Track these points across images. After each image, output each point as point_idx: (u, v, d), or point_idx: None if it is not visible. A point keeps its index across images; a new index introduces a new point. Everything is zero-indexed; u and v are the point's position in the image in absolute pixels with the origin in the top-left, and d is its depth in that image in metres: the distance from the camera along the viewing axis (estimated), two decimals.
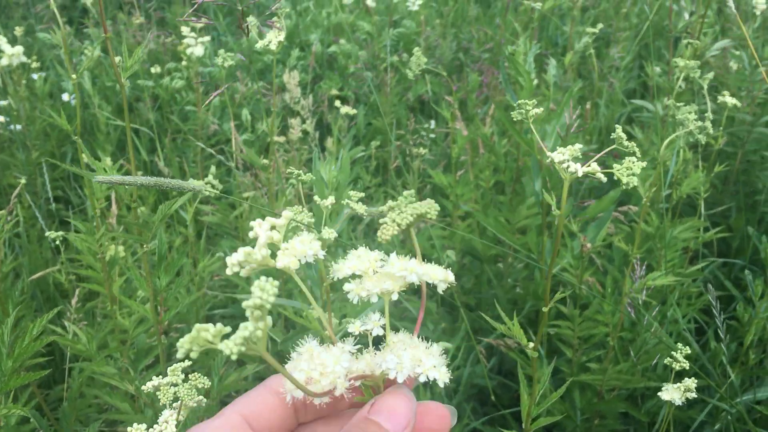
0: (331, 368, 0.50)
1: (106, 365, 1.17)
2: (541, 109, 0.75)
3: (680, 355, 0.97)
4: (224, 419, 0.53)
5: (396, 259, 0.54)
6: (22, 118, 2.72)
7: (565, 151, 0.66)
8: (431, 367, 0.52)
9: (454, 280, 0.55)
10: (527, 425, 0.88)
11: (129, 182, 0.77)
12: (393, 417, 0.52)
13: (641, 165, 0.64)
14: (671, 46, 2.27)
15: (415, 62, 1.62)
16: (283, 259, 0.50)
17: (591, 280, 1.54)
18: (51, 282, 2.02)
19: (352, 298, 0.54)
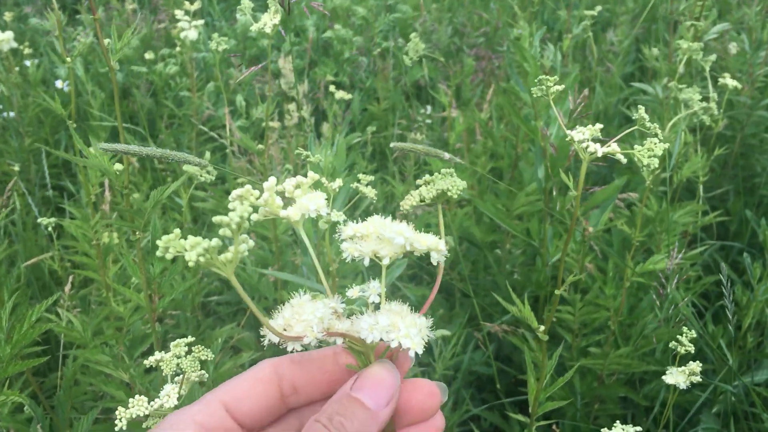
0: (306, 316, 0.51)
1: (100, 353, 1.15)
2: (563, 86, 0.73)
3: (685, 339, 0.96)
4: (203, 405, 0.52)
5: (390, 222, 0.54)
6: (15, 105, 2.69)
7: (584, 130, 0.64)
8: (405, 335, 0.51)
9: (446, 251, 0.55)
10: (534, 410, 0.87)
11: (134, 152, 0.76)
12: (376, 392, 0.51)
13: (663, 147, 0.63)
14: (671, 29, 2.25)
15: (413, 48, 1.60)
16: (288, 210, 0.51)
17: (590, 266, 1.53)
18: (46, 270, 2.00)
19: (345, 257, 0.55)
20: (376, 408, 0.51)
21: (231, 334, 1.51)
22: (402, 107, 2.95)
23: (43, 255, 1.73)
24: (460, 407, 1.58)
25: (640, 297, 1.64)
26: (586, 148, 0.68)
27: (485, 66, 3.08)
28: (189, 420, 0.51)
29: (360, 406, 0.51)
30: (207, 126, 2.72)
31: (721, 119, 1.88)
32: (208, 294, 1.92)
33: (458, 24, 3.68)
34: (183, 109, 2.80)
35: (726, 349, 1.58)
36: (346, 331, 0.52)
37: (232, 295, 1.85)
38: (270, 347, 0.57)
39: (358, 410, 0.50)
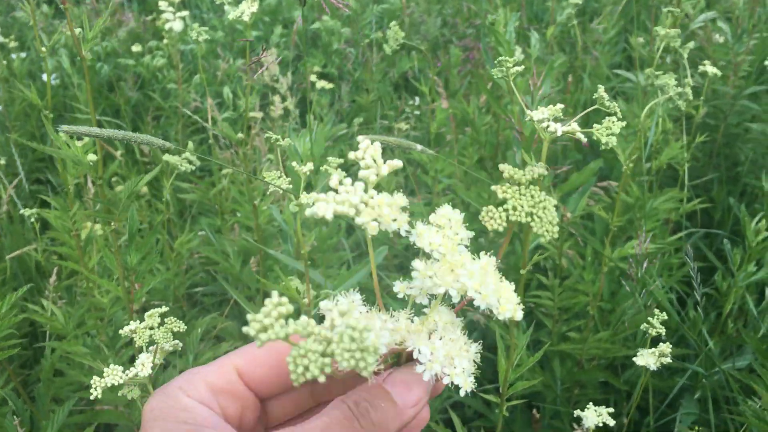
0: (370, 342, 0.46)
1: (79, 344, 1.16)
2: (522, 66, 0.74)
3: (656, 321, 0.97)
4: (216, 367, 0.54)
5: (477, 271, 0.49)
6: (1, 99, 2.69)
7: (545, 110, 0.65)
8: (460, 372, 0.50)
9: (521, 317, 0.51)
10: (504, 389, 0.88)
11: (95, 134, 0.76)
12: (406, 392, 0.52)
13: (621, 125, 0.63)
14: (653, 16, 2.25)
15: (393, 36, 1.60)
16: (362, 217, 0.46)
17: (570, 252, 1.54)
18: (32, 263, 2.00)
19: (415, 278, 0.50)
20: (402, 406, 0.52)
21: (214, 323, 1.51)
22: (390, 99, 2.95)
23: (27, 247, 1.74)
24: (442, 394, 1.59)
25: (621, 283, 1.65)
26: (547, 127, 0.69)
27: (474, 57, 3.08)
28: (200, 380, 0.52)
29: (388, 399, 0.51)
30: (193, 118, 2.72)
31: (701, 106, 1.89)
32: (194, 285, 1.93)
33: (447, 15, 3.67)
34: (169, 101, 2.80)
35: (707, 334, 1.59)
36: (395, 344, 0.51)
37: (217, 285, 1.86)
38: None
39: (385, 402, 0.51)
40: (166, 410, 0.50)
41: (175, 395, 0.51)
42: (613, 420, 0.99)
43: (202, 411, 0.51)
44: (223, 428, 0.50)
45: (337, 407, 0.51)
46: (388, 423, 0.51)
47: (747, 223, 1.56)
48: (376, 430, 0.50)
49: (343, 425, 0.49)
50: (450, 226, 0.51)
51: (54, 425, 0.95)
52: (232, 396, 0.53)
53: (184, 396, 0.51)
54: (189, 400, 0.51)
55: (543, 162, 0.77)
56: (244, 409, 0.54)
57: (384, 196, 0.47)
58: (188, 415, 0.50)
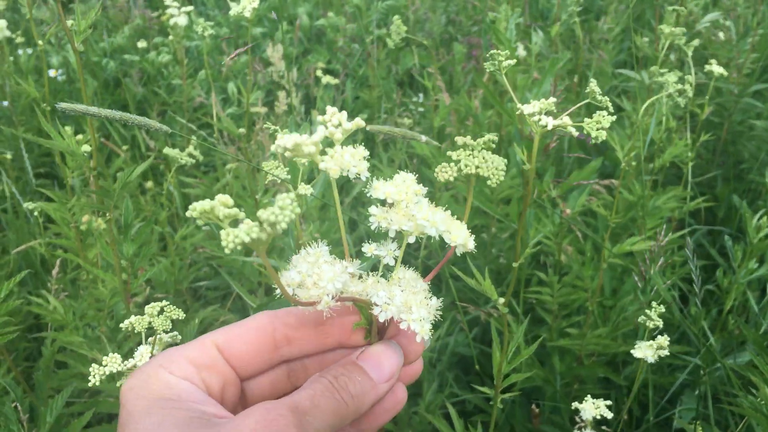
0: (325, 283, 0.51)
1: (76, 335, 1.16)
2: (514, 60, 0.74)
3: (654, 314, 0.97)
4: (196, 343, 0.54)
5: (426, 206, 0.53)
6: (8, 94, 2.70)
7: (536, 103, 0.65)
8: (417, 319, 0.52)
9: (474, 249, 0.54)
10: (498, 381, 0.88)
11: (93, 113, 0.77)
12: (379, 367, 0.54)
13: (611, 119, 0.64)
14: (657, 15, 2.25)
15: (395, 31, 1.60)
16: (328, 162, 0.50)
17: (569, 248, 1.54)
18: (37, 257, 2.02)
19: (372, 222, 0.54)
20: (377, 380, 0.54)
21: (216, 316, 1.52)
22: (394, 95, 2.95)
23: (31, 242, 1.75)
24: (444, 389, 1.60)
25: (624, 280, 1.65)
26: (538, 121, 0.69)
27: (477, 54, 3.08)
28: (180, 356, 0.52)
29: (363, 373, 0.53)
30: (198, 113, 2.73)
31: (707, 105, 1.88)
32: (197, 279, 1.93)
33: (452, 13, 3.67)
34: (174, 96, 2.81)
35: (708, 331, 1.59)
36: (358, 295, 0.53)
37: (220, 279, 1.87)
38: None
39: (360, 377, 0.53)
40: (147, 388, 0.50)
41: (156, 373, 0.51)
42: (612, 414, 1.00)
43: (185, 386, 0.51)
44: (208, 402, 0.50)
45: (317, 381, 0.52)
46: (365, 395, 0.53)
47: (748, 220, 1.56)
48: (355, 402, 0.52)
49: (326, 396, 0.51)
50: (404, 181, 0.55)
51: (53, 412, 0.96)
52: (215, 371, 0.53)
53: (166, 373, 0.51)
54: (171, 376, 0.51)
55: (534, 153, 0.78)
56: (226, 385, 0.54)
57: (348, 147, 0.52)
58: (172, 391, 0.50)
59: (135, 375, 0.51)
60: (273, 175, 0.92)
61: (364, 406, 0.53)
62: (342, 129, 0.53)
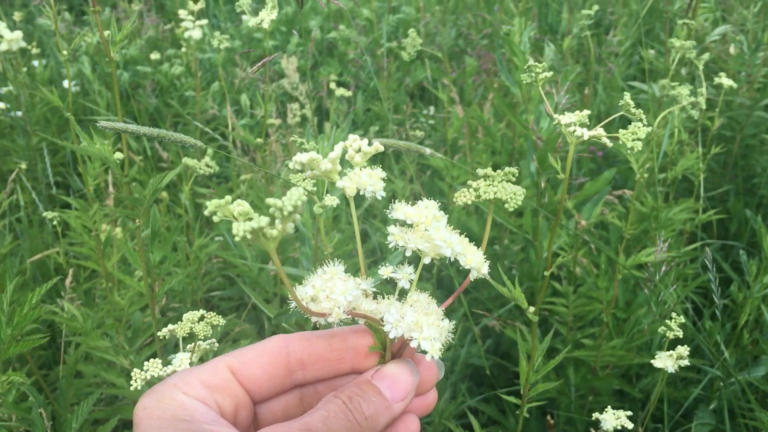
0: (336, 296, 0.52)
1: (101, 340, 1.18)
2: (551, 72, 0.75)
3: (674, 324, 0.98)
4: (210, 366, 0.54)
5: (443, 228, 0.54)
6: (23, 104, 2.73)
7: (572, 115, 0.67)
8: (428, 338, 0.52)
9: (487, 274, 0.55)
10: (525, 391, 0.89)
11: (132, 131, 0.78)
12: (394, 386, 0.54)
13: (647, 130, 0.65)
14: (667, 28, 2.26)
15: (410, 43, 1.62)
16: (345, 181, 0.53)
17: (584, 261, 1.54)
18: (51, 266, 2.03)
19: (390, 241, 0.55)
20: (391, 400, 0.54)
21: (231, 326, 1.53)
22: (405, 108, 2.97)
23: (48, 251, 1.76)
24: (457, 399, 1.60)
25: (637, 292, 1.66)
26: (573, 132, 0.70)
27: (488, 67, 3.10)
28: (194, 378, 0.52)
29: (378, 393, 0.53)
30: (211, 125, 2.75)
31: (717, 117, 1.89)
32: (211, 289, 1.95)
33: (461, 26, 3.70)
34: (187, 108, 2.83)
35: (723, 345, 1.59)
36: (370, 313, 0.54)
37: (234, 290, 1.88)
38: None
39: (375, 397, 0.53)
40: (161, 408, 0.50)
41: (170, 393, 0.51)
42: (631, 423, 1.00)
43: (198, 407, 0.51)
44: (221, 424, 0.50)
45: (331, 401, 0.52)
46: (379, 416, 0.53)
47: (763, 235, 1.56)
48: (369, 423, 0.52)
49: (339, 418, 0.51)
50: (426, 207, 0.56)
51: (78, 418, 0.97)
52: (227, 393, 0.53)
53: (180, 393, 0.51)
54: (185, 397, 0.51)
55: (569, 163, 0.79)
56: (239, 408, 0.54)
57: (366, 169, 0.55)
58: (185, 412, 0.50)
59: (148, 394, 0.51)
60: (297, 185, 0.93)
61: (378, 428, 0.53)
62: (362, 153, 0.56)
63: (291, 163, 0.54)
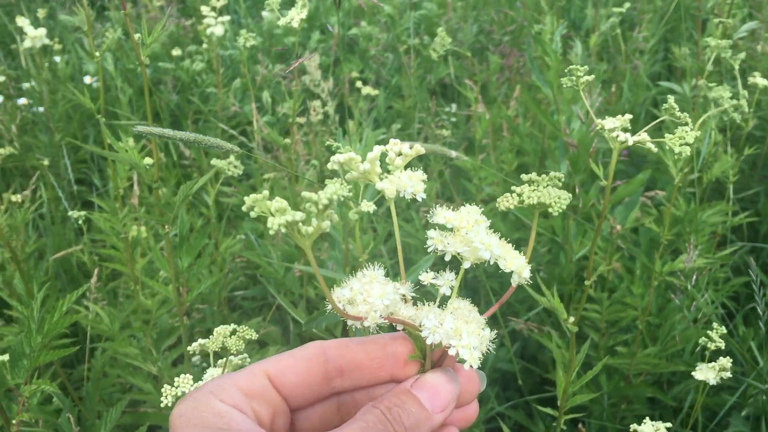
0: (374, 299, 0.51)
1: (128, 346, 1.16)
2: (592, 76, 0.73)
3: (716, 335, 0.95)
4: (247, 372, 0.53)
5: (483, 231, 0.53)
6: (45, 100, 2.73)
7: (615, 119, 0.64)
8: (467, 345, 0.50)
9: (528, 278, 0.54)
10: (563, 403, 0.86)
11: (168, 135, 0.77)
12: (434, 397, 0.52)
13: (695, 134, 0.62)
14: (699, 27, 2.22)
15: (440, 42, 1.59)
16: (385, 183, 0.52)
17: (617, 265, 1.51)
18: (74, 262, 2.03)
19: (429, 245, 0.54)
20: (431, 410, 0.52)
21: (257, 328, 1.51)
22: (426, 105, 2.94)
23: (72, 248, 1.76)
24: (485, 405, 1.58)
25: (668, 298, 1.62)
26: (617, 136, 0.67)
27: (511, 64, 3.06)
28: (231, 385, 0.51)
29: (418, 404, 0.52)
30: (232, 122, 2.73)
31: (751, 118, 1.85)
32: (234, 289, 1.93)
33: (483, 22, 3.66)
34: (209, 105, 2.82)
35: (756, 351, 1.55)
36: (409, 319, 0.52)
37: (257, 290, 1.86)
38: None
39: (415, 407, 0.51)
40: (198, 416, 0.48)
41: (207, 400, 0.50)
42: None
43: (236, 416, 0.49)
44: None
45: (369, 412, 0.51)
46: (419, 427, 0.51)
47: None
48: None
49: (378, 429, 0.49)
50: (468, 212, 0.55)
51: (107, 425, 0.96)
52: (265, 401, 0.52)
53: (217, 401, 0.50)
54: (222, 404, 0.50)
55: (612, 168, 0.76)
56: (276, 415, 0.53)
57: (407, 171, 0.54)
58: (222, 420, 0.48)
59: (184, 402, 0.50)
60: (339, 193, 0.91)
61: None
62: (403, 156, 0.55)
63: (329, 164, 0.53)
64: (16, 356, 0.86)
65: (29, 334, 0.86)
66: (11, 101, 2.81)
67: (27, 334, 0.86)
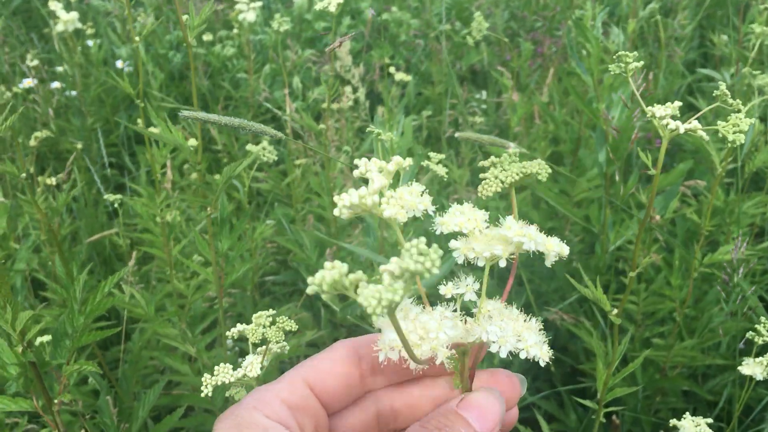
0: (435, 334, 0.48)
1: (167, 327, 1.17)
2: (641, 62, 0.71)
3: (763, 328, 0.93)
4: (287, 383, 0.52)
5: (513, 223, 0.51)
6: (78, 84, 2.75)
7: (665, 107, 0.62)
8: (534, 344, 0.50)
9: (566, 254, 0.53)
10: (603, 395, 0.85)
11: (213, 120, 0.77)
12: (483, 417, 0.51)
13: (749, 121, 0.60)
14: (741, 13, 2.17)
15: (477, 28, 1.57)
16: (389, 209, 0.48)
17: (655, 256, 1.49)
18: (107, 244, 2.05)
19: (457, 257, 0.52)
20: (480, 431, 0.51)
21: (289, 314, 1.52)
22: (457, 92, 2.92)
23: (107, 232, 1.77)
24: None
25: (705, 289, 1.60)
26: (667, 124, 0.65)
27: (544, 51, 3.02)
28: (275, 397, 0.50)
29: (467, 425, 0.51)
30: (263, 108, 2.74)
31: None
32: (264, 273, 1.94)
33: (515, 8, 3.62)
34: (240, 90, 2.82)
35: None
36: (461, 339, 0.50)
37: (288, 275, 1.87)
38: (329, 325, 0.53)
39: (464, 428, 0.50)
40: None
41: (251, 416, 0.48)
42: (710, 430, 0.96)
43: (281, 431, 0.48)
44: None
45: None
46: None
47: None
48: None
49: None
50: (462, 212, 0.54)
51: (145, 407, 0.97)
52: (308, 413, 0.51)
53: (261, 416, 0.49)
54: (266, 420, 0.48)
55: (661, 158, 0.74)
56: (318, 427, 0.52)
57: (403, 188, 0.50)
58: None
59: (226, 418, 0.49)
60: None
61: None
62: (386, 171, 0.51)
63: (336, 210, 0.48)
64: (59, 336, 0.87)
65: (72, 314, 0.86)
66: (45, 85, 2.84)
67: (70, 315, 0.86)
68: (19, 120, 2.56)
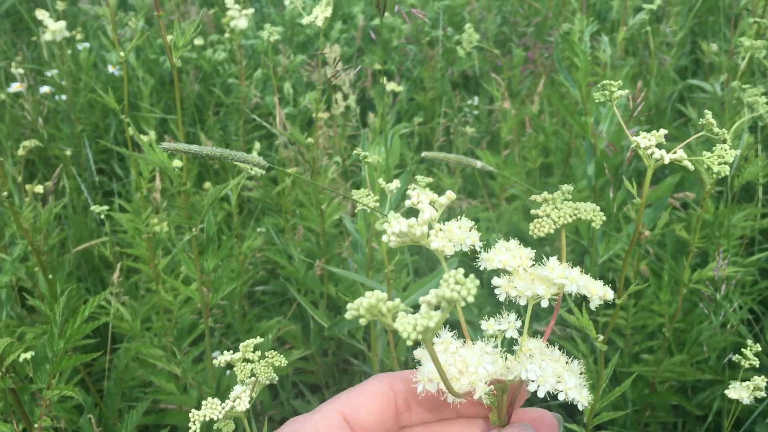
0: (474, 369, 0.48)
1: (152, 346, 1.16)
2: (627, 90, 0.70)
3: (750, 352, 0.93)
4: (323, 415, 0.51)
5: (556, 264, 0.51)
6: (68, 90, 2.73)
7: (650, 136, 0.62)
8: (573, 386, 0.49)
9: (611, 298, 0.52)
10: (589, 419, 0.85)
11: (194, 151, 0.76)
12: None
13: (734, 153, 0.60)
14: (732, 24, 2.17)
15: (467, 39, 1.56)
16: (437, 241, 0.49)
17: (644, 269, 1.48)
18: (95, 253, 2.03)
19: (499, 294, 0.52)
20: None
21: (277, 326, 1.51)
22: (448, 98, 2.92)
23: (93, 241, 1.76)
24: None
25: (695, 301, 1.59)
26: (652, 154, 0.65)
27: (535, 57, 3.02)
28: (311, 428, 0.50)
29: None
30: (254, 114, 2.72)
31: None
32: (254, 284, 1.93)
33: (507, 13, 3.61)
34: (231, 96, 2.81)
35: None
36: (501, 376, 0.50)
37: (277, 285, 1.86)
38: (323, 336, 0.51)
39: None
40: None
41: None
42: None
43: None
44: None
45: None
46: None
47: None
48: None
49: None
50: (507, 249, 0.54)
51: (128, 427, 0.96)
52: None
53: None
54: None
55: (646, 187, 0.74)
56: None
57: (452, 222, 0.51)
58: None
59: None
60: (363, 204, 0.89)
61: None
62: (438, 204, 0.52)
63: (384, 237, 0.49)
64: (39, 360, 0.86)
65: (52, 339, 0.85)
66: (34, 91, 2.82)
67: (50, 339, 0.85)
68: (8, 125, 2.54)
